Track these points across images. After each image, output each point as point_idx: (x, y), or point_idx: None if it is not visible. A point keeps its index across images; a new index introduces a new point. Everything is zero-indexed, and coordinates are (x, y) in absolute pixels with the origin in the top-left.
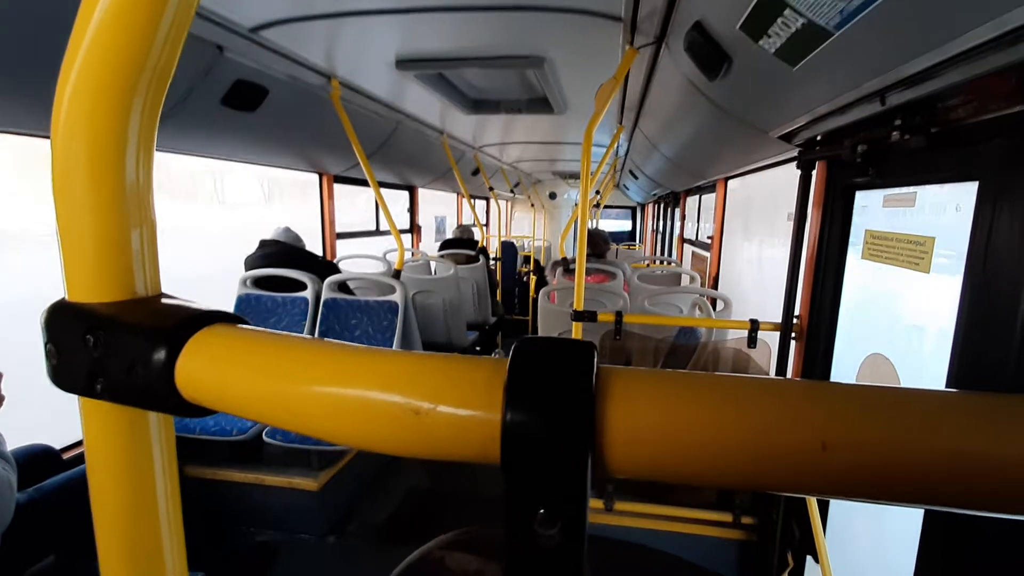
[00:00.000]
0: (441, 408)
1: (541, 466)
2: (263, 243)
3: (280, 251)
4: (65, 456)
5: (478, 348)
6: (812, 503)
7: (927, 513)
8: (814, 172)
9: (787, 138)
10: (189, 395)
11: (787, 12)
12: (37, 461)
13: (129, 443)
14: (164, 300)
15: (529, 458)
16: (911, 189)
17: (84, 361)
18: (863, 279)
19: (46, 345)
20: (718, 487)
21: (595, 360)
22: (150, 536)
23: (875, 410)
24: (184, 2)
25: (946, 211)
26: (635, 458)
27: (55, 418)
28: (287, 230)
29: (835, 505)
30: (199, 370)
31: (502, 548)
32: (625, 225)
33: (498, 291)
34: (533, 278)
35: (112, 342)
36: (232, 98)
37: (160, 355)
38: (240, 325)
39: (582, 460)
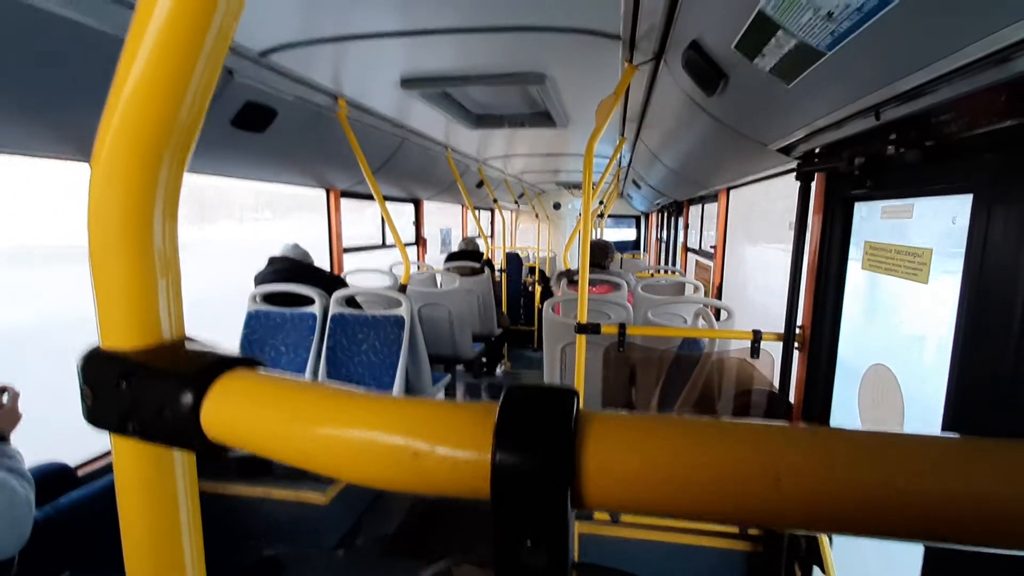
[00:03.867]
0: (437, 450)
1: (526, 502)
2: (272, 259)
3: (289, 267)
4: (80, 473)
5: (484, 359)
6: None
7: None
8: (813, 183)
9: (786, 151)
10: (213, 436)
11: (780, 34)
12: (53, 478)
13: (156, 477)
14: (188, 345)
15: (515, 494)
16: (908, 201)
17: (117, 404)
18: (865, 288)
19: (82, 388)
20: (685, 519)
21: (576, 405)
22: (174, 562)
23: (822, 449)
24: (209, 69)
25: (944, 223)
26: (610, 495)
27: None
28: (295, 246)
29: None
30: (222, 413)
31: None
32: (629, 234)
33: (503, 302)
34: (538, 289)
35: (143, 386)
36: (242, 119)
37: (187, 399)
38: (258, 369)
39: (562, 496)
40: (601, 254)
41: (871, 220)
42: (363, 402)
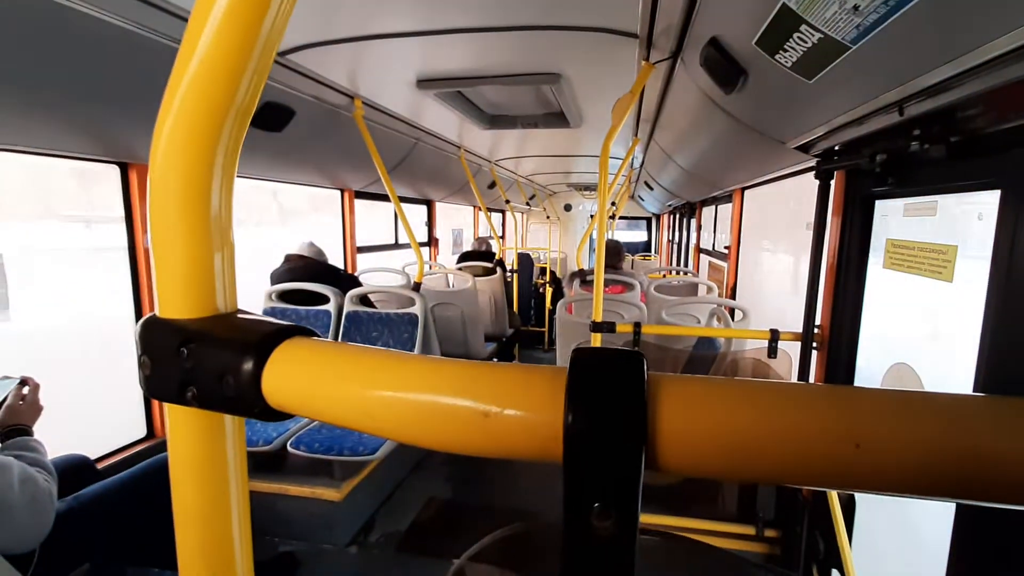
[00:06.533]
0: (508, 411)
1: (599, 463)
2: (288, 258)
3: (304, 265)
4: (100, 466)
5: (495, 359)
6: (837, 514)
7: (956, 520)
8: (832, 182)
9: (805, 149)
10: (275, 402)
11: (803, 28)
12: (74, 471)
13: (210, 446)
14: (241, 315)
15: (588, 456)
16: (932, 198)
17: (177, 372)
18: (887, 287)
19: (140, 357)
20: (758, 483)
21: (645, 367)
22: (224, 527)
23: (902, 412)
24: (266, 50)
25: (969, 219)
26: (683, 457)
27: None
28: (311, 245)
29: (860, 516)
30: (285, 379)
31: (558, 540)
32: (640, 236)
33: (515, 302)
34: (549, 289)
35: (204, 354)
36: (261, 119)
37: (248, 365)
38: (315, 338)
39: (636, 458)
40: (614, 254)
41: (892, 219)
42: (429, 365)
